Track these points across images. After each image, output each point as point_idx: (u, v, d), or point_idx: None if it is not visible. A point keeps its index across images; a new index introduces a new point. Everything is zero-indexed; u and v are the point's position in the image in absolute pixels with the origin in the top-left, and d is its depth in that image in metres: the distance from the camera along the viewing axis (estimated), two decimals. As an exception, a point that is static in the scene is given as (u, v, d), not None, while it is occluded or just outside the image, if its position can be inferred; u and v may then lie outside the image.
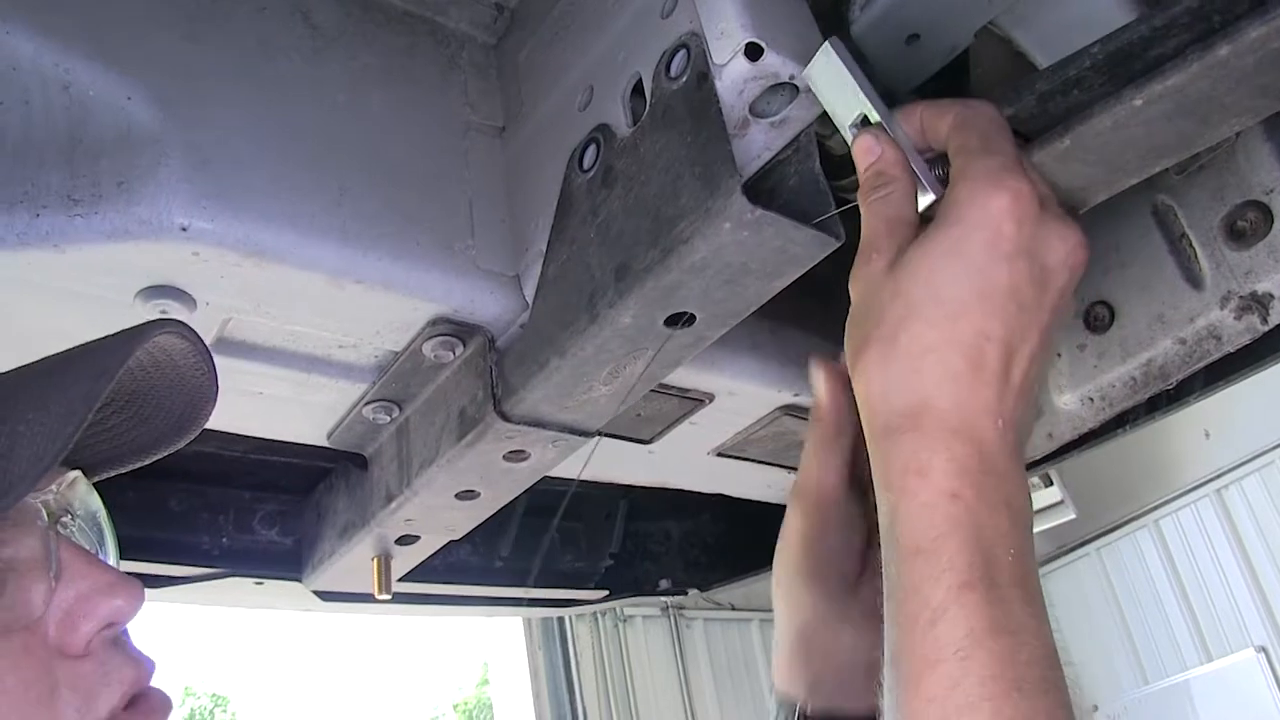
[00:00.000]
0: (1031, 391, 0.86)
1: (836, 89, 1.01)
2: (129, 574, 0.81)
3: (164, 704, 0.81)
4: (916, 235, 0.90)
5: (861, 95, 1.00)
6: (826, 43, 1.01)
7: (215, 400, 0.93)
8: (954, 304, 0.83)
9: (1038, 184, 0.91)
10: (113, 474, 0.91)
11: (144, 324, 0.84)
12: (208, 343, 1.31)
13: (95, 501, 0.86)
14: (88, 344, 0.83)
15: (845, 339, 0.92)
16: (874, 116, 0.99)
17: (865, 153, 0.97)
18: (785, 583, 1.13)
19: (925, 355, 0.84)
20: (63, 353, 0.83)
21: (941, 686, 0.73)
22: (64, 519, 0.82)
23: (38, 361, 0.83)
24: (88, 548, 0.83)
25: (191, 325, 1.24)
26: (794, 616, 1.13)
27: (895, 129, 0.99)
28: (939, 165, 0.98)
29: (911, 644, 0.76)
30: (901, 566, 0.80)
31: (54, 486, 0.81)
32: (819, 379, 1.10)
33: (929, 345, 0.84)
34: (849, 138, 1.01)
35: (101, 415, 0.89)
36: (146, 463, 0.94)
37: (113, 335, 0.83)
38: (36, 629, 0.75)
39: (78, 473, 0.84)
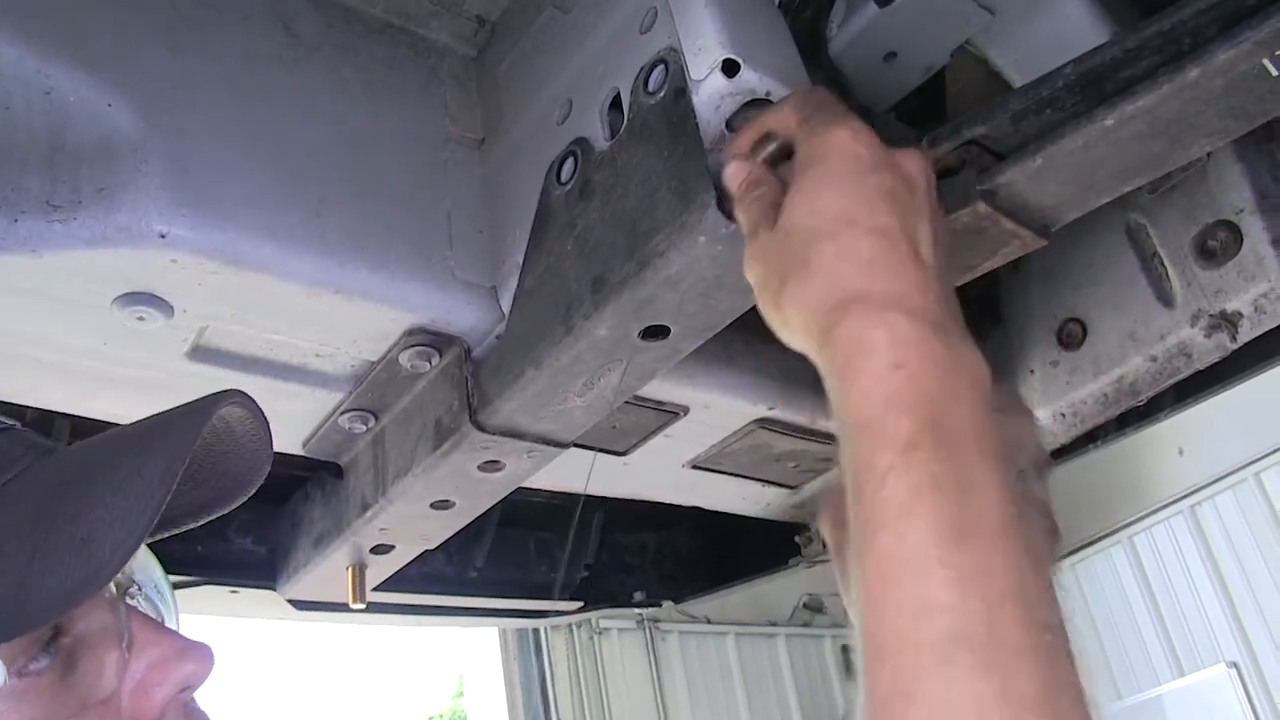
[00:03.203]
0: (946, 281, 0.87)
1: None
2: (197, 640, 0.82)
3: None
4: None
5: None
6: None
7: (269, 464, 0.93)
8: (843, 212, 0.86)
9: None
10: (166, 535, 0.91)
11: (211, 396, 0.83)
12: (184, 351, 1.32)
13: (156, 569, 0.88)
14: (156, 418, 0.82)
15: (761, 307, 0.94)
16: None
17: (736, 175, 0.98)
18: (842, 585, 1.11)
19: (838, 259, 0.85)
20: (132, 427, 0.83)
21: (889, 545, 0.72)
22: (130, 589, 0.82)
23: (103, 437, 0.83)
24: (153, 615, 0.83)
25: (167, 331, 1.26)
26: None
27: None
28: None
29: (861, 513, 0.76)
30: (852, 445, 0.79)
31: None
32: None
33: (837, 250, 0.85)
34: None
35: None
36: (200, 523, 0.94)
37: (181, 409, 0.83)
38: (111, 701, 0.76)
39: None
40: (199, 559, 1.87)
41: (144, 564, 0.85)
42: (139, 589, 0.83)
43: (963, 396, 0.78)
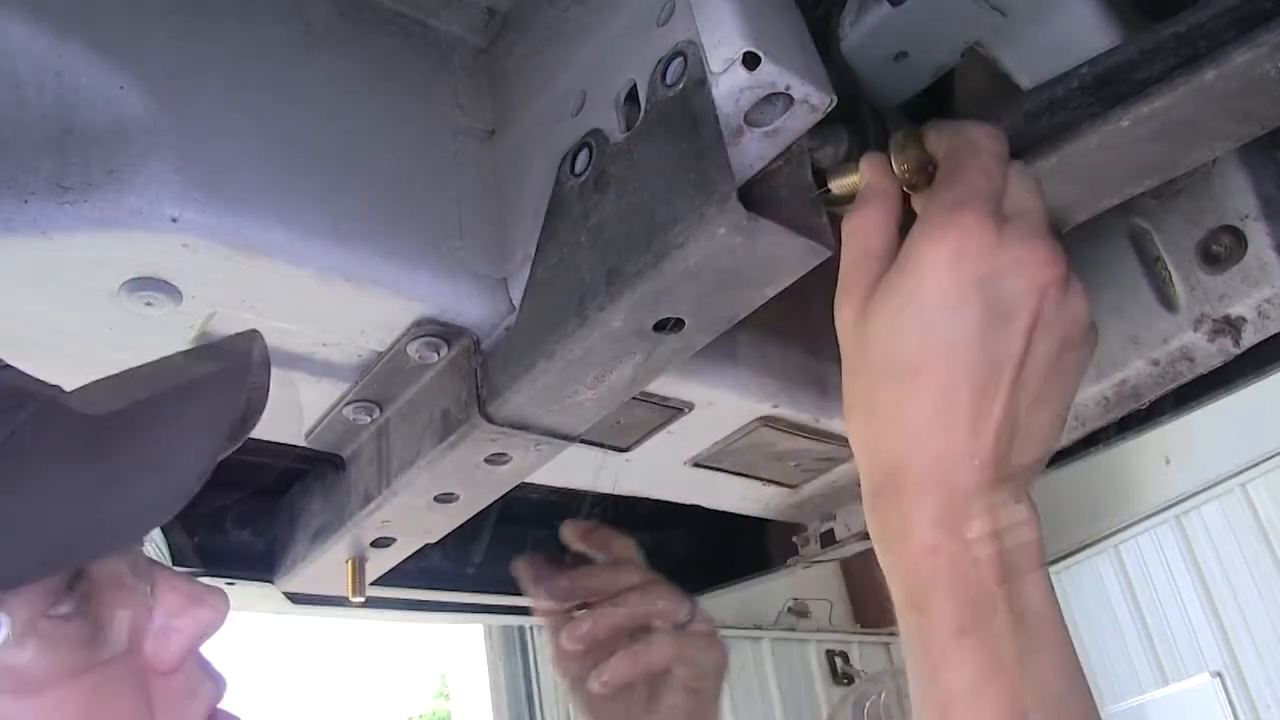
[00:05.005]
0: (1019, 420, 0.86)
1: None
2: (212, 586, 0.82)
3: None
4: (883, 271, 0.92)
5: None
6: None
7: (263, 410, 0.95)
8: (917, 359, 0.86)
9: (1017, 197, 0.93)
10: None
11: (243, 334, 0.87)
12: (191, 338, 1.31)
13: None
14: (193, 351, 0.84)
15: (843, 392, 0.97)
16: None
17: (864, 173, 1.01)
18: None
19: (896, 414, 0.87)
20: (162, 363, 0.86)
21: None
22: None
23: (135, 373, 0.85)
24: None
25: (175, 317, 1.25)
26: None
27: None
28: None
29: (927, 691, 0.82)
30: (904, 622, 0.85)
31: None
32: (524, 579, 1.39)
33: (899, 403, 0.87)
34: None
35: None
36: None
37: (219, 342, 0.85)
38: (133, 649, 0.76)
39: None
40: (196, 551, 1.85)
41: None
42: (149, 538, 0.83)
43: (1006, 567, 0.82)
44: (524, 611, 2.47)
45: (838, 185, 1.05)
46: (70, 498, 0.70)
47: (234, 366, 0.82)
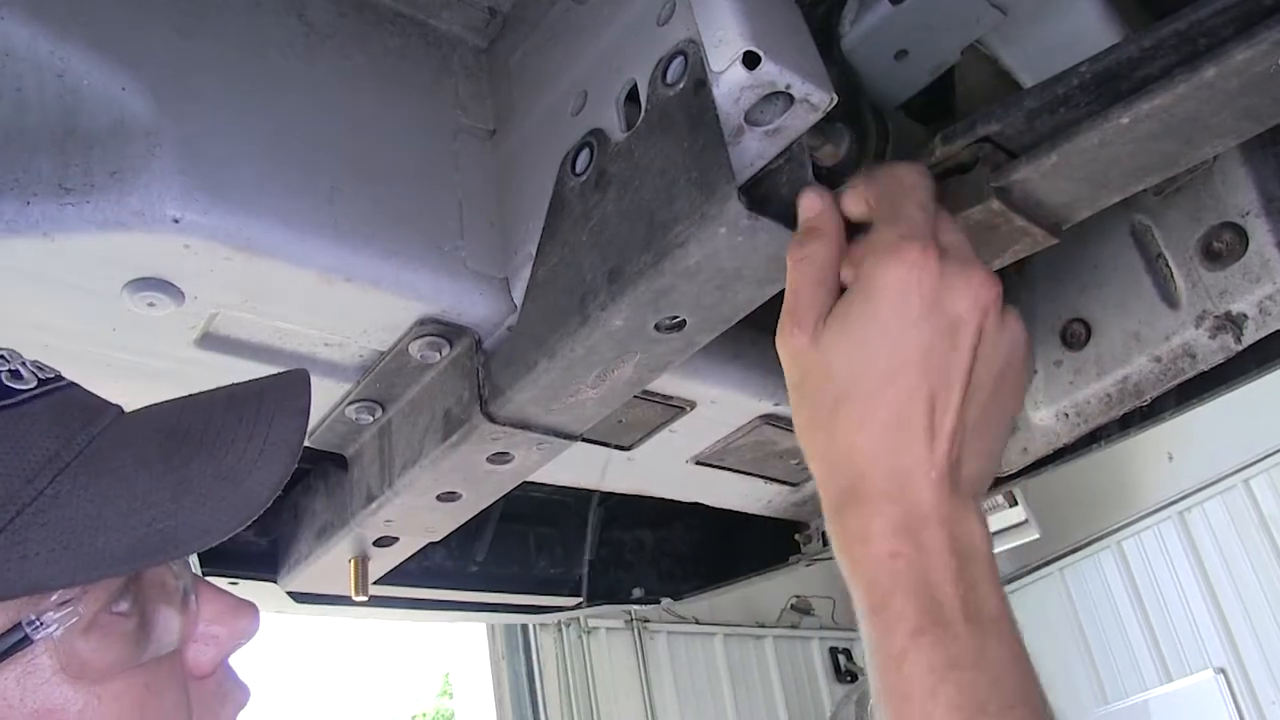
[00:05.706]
0: (967, 432, 0.91)
1: None
2: (247, 599, 0.86)
3: None
4: (833, 301, 0.96)
5: None
6: None
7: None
8: (875, 377, 0.90)
9: (946, 232, 0.97)
10: None
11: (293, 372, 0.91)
12: (193, 338, 1.31)
13: None
14: (252, 382, 0.91)
15: (793, 413, 1.00)
16: None
17: (805, 208, 1.03)
18: None
19: (857, 431, 0.91)
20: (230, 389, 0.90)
21: (917, 718, 0.82)
22: None
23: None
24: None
25: (177, 318, 1.25)
26: None
27: None
28: None
29: (887, 684, 0.85)
30: (866, 623, 0.88)
31: None
32: None
33: (859, 421, 0.91)
34: None
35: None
36: None
37: (270, 378, 0.92)
38: (176, 654, 0.81)
39: None
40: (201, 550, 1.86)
41: None
42: None
43: (959, 572, 0.86)
44: (527, 610, 2.49)
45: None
46: (149, 502, 0.74)
47: (294, 396, 0.88)
